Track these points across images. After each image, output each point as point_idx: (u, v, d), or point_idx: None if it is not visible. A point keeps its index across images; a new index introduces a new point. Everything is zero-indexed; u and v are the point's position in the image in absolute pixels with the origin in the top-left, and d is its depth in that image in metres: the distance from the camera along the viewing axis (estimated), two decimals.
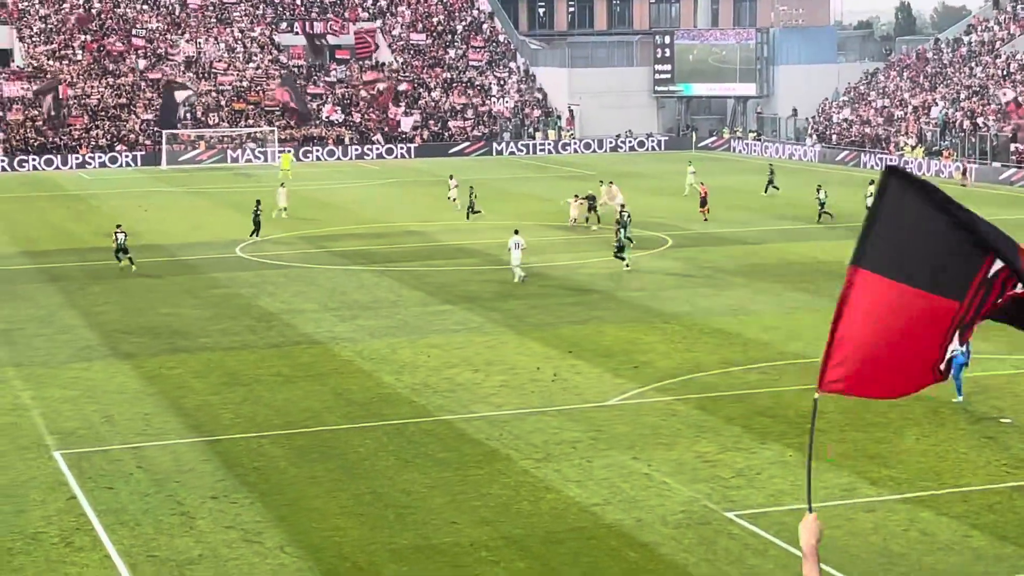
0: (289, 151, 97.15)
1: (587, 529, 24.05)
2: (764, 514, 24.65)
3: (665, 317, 42.63)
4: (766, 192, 75.53)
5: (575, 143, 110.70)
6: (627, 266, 50.70)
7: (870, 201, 56.96)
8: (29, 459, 28.47)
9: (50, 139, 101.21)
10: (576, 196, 64.20)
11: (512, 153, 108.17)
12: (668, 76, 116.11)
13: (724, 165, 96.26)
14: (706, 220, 64.22)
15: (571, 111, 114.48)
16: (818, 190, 65.65)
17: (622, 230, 52.10)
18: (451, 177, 73.15)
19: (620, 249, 51.21)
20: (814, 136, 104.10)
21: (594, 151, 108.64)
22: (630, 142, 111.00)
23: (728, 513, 24.73)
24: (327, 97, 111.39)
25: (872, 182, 67.71)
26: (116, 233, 53.22)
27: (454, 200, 69.04)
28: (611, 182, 67.93)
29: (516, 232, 49.99)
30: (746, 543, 23.33)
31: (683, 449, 28.66)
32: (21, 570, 22.46)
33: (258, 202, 61.97)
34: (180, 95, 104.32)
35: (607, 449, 28.74)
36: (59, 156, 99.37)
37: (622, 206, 57.33)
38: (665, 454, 28.34)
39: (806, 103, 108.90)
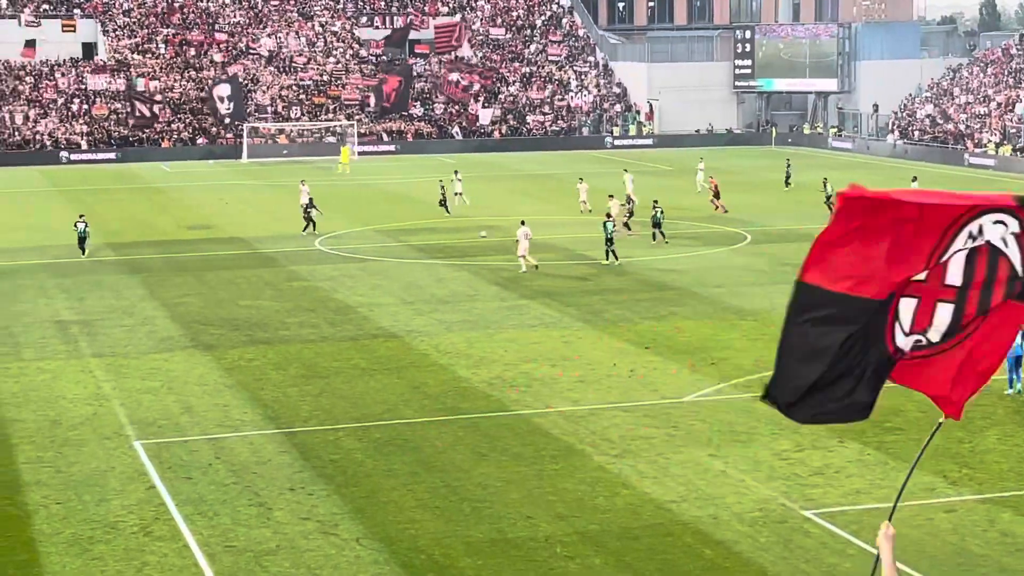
0: (349, 144, 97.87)
1: (663, 526, 23.98)
2: (842, 513, 24.47)
3: (743, 314, 42.41)
4: (787, 186, 75.41)
5: (653, 138, 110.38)
6: (617, 262, 50.76)
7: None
8: (110, 448, 28.79)
9: (133, 132, 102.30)
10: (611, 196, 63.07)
11: (591, 148, 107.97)
12: (748, 71, 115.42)
13: (807, 161, 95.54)
14: (726, 212, 63.90)
15: (650, 106, 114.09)
16: (824, 184, 66.77)
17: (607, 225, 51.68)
18: (455, 172, 72.59)
19: (610, 241, 51.23)
20: (896, 132, 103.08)
21: (673, 146, 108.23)
22: (713, 136, 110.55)
23: (805, 511, 24.56)
24: (402, 90, 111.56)
25: (914, 178, 67.21)
26: (77, 223, 55.02)
27: (459, 194, 68.37)
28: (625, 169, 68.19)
29: (523, 223, 50.59)
30: (823, 541, 23.17)
31: (760, 446, 28.50)
32: (101, 558, 22.72)
33: (311, 199, 61.60)
34: (225, 88, 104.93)
35: (683, 446, 28.63)
36: (141, 149, 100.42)
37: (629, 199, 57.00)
38: (742, 451, 28.19)
39: (888, 99, 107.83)
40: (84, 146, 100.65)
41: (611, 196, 58.46)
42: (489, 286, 47.49)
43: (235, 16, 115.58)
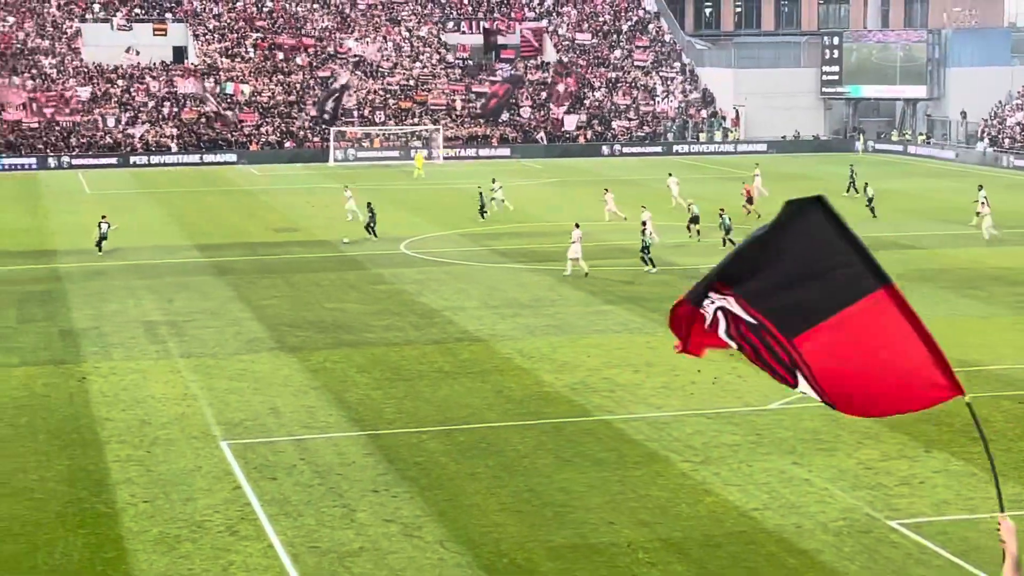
0: (422, 150, 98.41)
1: (746, 534, 23.89)
2: (928, 523, 24.25)
3: None
4: (847, 192, 74.96)
5: (740, 144, 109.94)
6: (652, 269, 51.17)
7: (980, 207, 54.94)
8: (197, 448, 29.12)
9: (220, 134, 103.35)
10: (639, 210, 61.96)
11: (675, 153, 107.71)
12: (836, 77, 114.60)
13: (894, 168, 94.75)
14: (749, 213, 63.13)
15: (736, 112, 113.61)
16: (866, 187, 67.96)
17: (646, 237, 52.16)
18: (493, 180, 72.47)
19: (646, 249, 51.67)
20: (986, 139, 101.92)
21: (759, 151, 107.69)
22: (801, 143, 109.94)
23: (891, 521, 24.37)
24: (491, 96, 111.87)
25: (980, 187, 66.10)
26: (101, 223, 56.47)
27: (503, 201, 68.36)
28: (606, 189, 67.74)
29: (577, 226, 51.04)
30: (908, 552, 22.98)
31: (845, 455, 28.31)
32: (187, 557, 22.99)
33: (369, 203, 61.79)
34: (337, 89, 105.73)
35: (767, 453, 28.50)
36: (229, 151, 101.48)
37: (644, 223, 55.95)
38: (826, 460, 28.02)
39: (977, 106, 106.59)
40: (173, 148, 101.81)
41: (643, 207, 58.17)
42: (573, 291, 47.50)
43: (323, 21, 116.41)
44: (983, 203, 61.14)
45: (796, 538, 23.64)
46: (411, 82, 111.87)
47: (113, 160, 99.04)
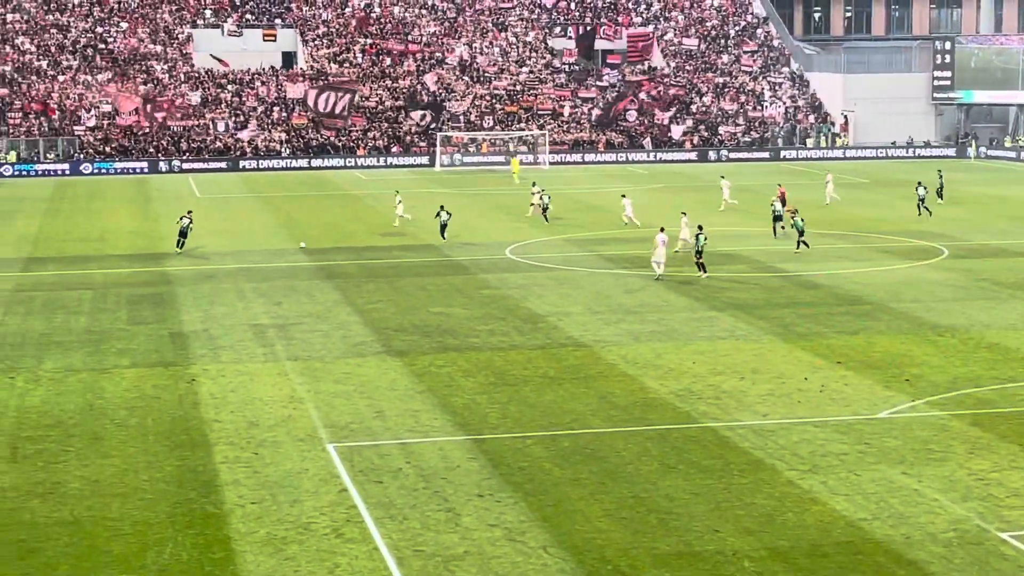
0: (519, 155, 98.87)
1: (854, 544, 23.61)
2: None
3: (939, 330, 41.56)
4: (940, 199, 74.34)
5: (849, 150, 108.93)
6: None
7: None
8: (304, 451, 29.35)
9: (330, 139, 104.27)
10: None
11: (783, 159, 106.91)
12: (948, 83, 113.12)
13: (1007, 175, 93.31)
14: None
15: (845, 117, 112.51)
16: (917, 186, 68.60)
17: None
18: (534, 184, 72.68)
19: (700, 254, 51.49)
20: None
21: (869, 157, 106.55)
22: (911, 149, 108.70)
23: (1002, 533, 23.96)
24: (598, 101, 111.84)
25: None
26: (183, 218, 58.57)
27: (545, 206, 68.22)
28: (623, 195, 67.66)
29: (662, 230, 51.69)
30: (1021, 565, 22.58)
31: (955, 466, 27.89)
32: (294, 559, 23.17)
33: (442, 206, 62.50)
34: (449, 104, 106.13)
35: (876, 463, 28.16)
36: (338, 156, 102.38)
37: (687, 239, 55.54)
38: (936, 470, 27.63)
39: None
40: (283, 153, 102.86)
41: (684, 213, 57.84)
42: (679, 297, 47.28)
43: (430, 26, 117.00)
44: None
45: (905, 549, 23.32)
46: (517, 87, 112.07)
47: (223, 164, 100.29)
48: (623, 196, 67.66)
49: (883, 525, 24.47)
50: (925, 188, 69.32)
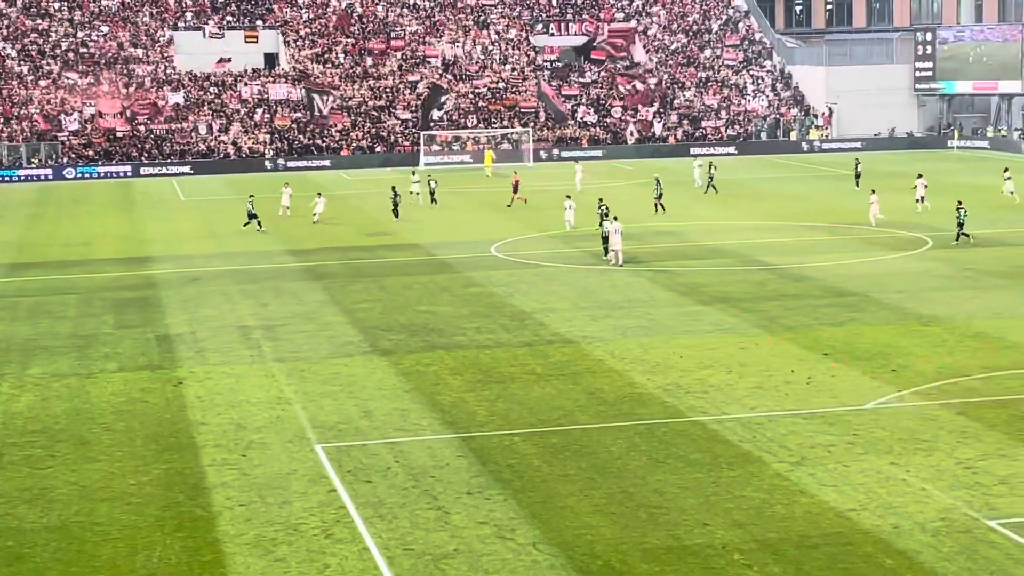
0: (491, 149, 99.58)
1: (843, 534, 23.65)
2: None
3: (925, 320, 41.65)
4: (858, 187, 75.63)
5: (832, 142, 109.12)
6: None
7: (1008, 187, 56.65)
8: (292, 452, 29.33)
9: (312, 140, 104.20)
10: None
11: (767, 152, 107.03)
12: (929, 74, 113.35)
13: (989, 164, 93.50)
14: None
15: (828, 110, 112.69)
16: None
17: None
18: (413, 172, 74.98)
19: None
20: None
21: (854, 148, 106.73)
22: (887, 140, 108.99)
23: (990, 521, 24.02)
24: (581, 98, 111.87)
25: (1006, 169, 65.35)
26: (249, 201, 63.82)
27: (418, 195, 71.22)
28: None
29: (615, 219, 53.63)
30: (1008, 552, 22.64)
31: (943, 455, 27.96)
32: (284, 560, 23.15)
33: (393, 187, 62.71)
34: (440, 98, 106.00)
35: (863, 454, 28.21)
36: (320, 157, 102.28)
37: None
38: (924, 460, 27.69)
39: None
40: (267, 154, 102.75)
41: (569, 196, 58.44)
42: (665, 291, 47.33)
43: (411, 25, 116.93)
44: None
45: (893, 539, 23.37)
46: (500, 85, 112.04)
47: (207, 166, 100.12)
48: (567, 197, 67.75)
49: (871, 515, 24.51)
50: (926, 185, 68.53)
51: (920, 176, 69.37)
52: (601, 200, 60.97)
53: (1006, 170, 74.76)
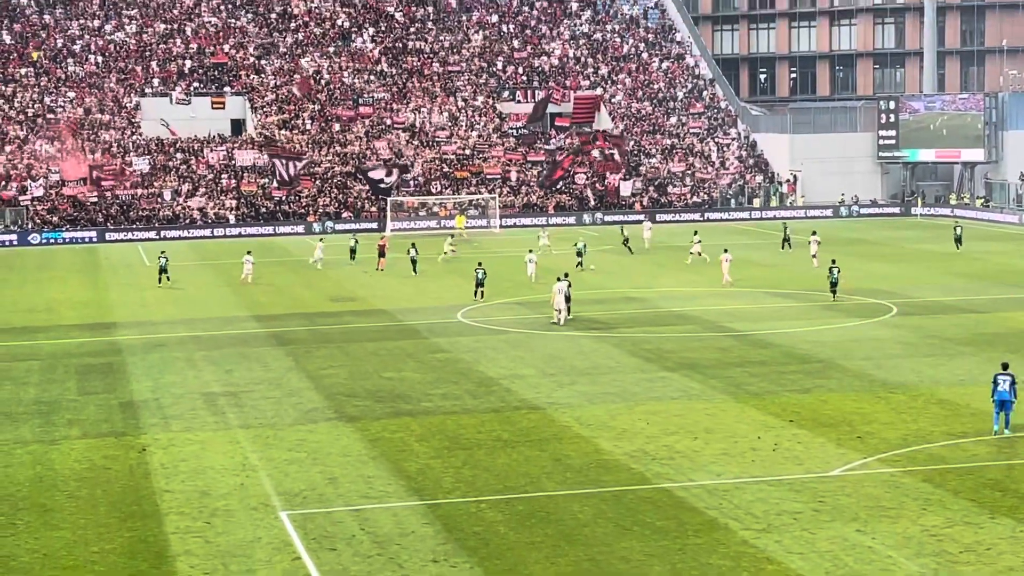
0: (462, 212, 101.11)
1: None
2: None
3: (890, 387, 41.79)
4: (783, 249, 78.75)
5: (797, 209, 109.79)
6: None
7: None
8: (257, 519, 29.13)
9: (280, 205, 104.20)
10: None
11: (731, 219, 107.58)
12: (892, 142, 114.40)
13: (952, 233, 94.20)
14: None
15: (793, 177, 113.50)
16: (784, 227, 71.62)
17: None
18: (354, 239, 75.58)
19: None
20: None
21: (820, 216, 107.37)
22: (853, 208, 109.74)
23: None
24: (546, 165, 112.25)
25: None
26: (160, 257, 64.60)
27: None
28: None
29: (559, 279, 56.01)
30: None
31: (908, 522, 27.99)
32: None
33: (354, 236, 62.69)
34: (393, 173, 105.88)
35: (830, 521, 28.21)
36: (287, 223, 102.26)
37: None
38: (890, 527, 27.70)
39: None
40: (232, 220, 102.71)
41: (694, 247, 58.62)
42: (630, 358, 47.38)
43: (378, 92, 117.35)
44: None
45: None
46: (467, 151, 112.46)
47: (172, 232, 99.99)
48: (530, 251, 70.88)
49: None
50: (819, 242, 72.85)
51: (814, 233, 71.85)
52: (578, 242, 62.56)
53: (695, 232, 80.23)
